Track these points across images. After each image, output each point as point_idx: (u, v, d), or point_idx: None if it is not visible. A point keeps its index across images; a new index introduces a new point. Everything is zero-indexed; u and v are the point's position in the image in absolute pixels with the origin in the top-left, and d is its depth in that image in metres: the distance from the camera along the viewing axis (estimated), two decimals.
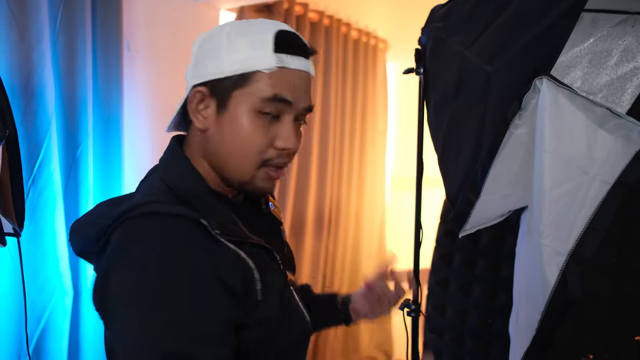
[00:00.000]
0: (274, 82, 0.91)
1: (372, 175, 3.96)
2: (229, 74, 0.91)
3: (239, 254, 0.88)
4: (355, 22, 3.67)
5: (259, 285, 0.89)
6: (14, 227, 1.33)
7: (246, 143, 0.92)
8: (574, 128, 1.05)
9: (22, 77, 1.88)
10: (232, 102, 0.92)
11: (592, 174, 1.04)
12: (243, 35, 0.92)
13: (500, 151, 1.13)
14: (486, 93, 1.20)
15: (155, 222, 0.85)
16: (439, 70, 1.43)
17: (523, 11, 1.16)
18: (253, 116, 0.91)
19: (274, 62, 0.91)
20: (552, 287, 1.06)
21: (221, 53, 0.92)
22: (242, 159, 0.93)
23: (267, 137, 0.92)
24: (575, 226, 1.05)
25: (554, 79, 1.07)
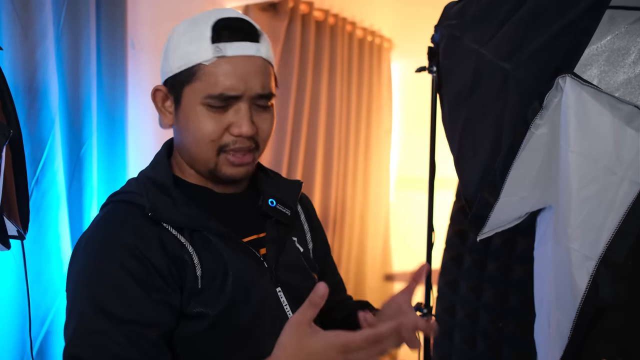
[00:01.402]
0: (216, 76, 0.93)
1: (377, 174, 3.93)
2: (176, 70, 0.97)
3: (178, 239, 0.93)
4: (360, 21, 3.64)
5: (198, 271, 0.93)
6: (18, 230, 1.30)
7: (199, 133, 0.96)
8: (600, 127, 1.02)
9: (25, 76, 1.84)
10: (184, 98, 0.97)
11: (620, 174, 1.00)
12: (187, 32, 0.97)
13: (520, 152, 1.09)
14: (504, 91, 1.17)
15: (108, 208, 0.99)
16: (453, 69, 1.40)
17: (544, 6, 1.12)
18: (202, 109, 0.95)
19: (211, 52, 0.93)
20: (582, 293, 1.02)
21: (170, 52, 0.99)
22: (199, 148, 0.98)
23: (220, 125, 0.96)
24: (605, 229, 1.01)
25: (578, 77, 1.04)
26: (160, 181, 0.99)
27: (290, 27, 3.07)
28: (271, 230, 1.06)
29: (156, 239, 0.91)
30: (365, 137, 3.76)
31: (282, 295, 1.01)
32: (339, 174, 3.51)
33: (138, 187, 0.99)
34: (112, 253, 0.89)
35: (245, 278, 0.96)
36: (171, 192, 0.97)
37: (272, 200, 1.07)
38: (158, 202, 0.95)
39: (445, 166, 1.72)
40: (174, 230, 0.94)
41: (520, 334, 1.92)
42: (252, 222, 1.05)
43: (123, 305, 0.86)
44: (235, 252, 0.97)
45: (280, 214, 1.07)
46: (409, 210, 4.24)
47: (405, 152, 4.37)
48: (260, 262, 1.01)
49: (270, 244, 1.04)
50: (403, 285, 1.02)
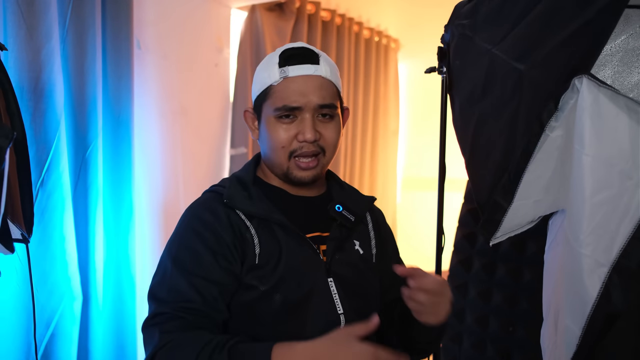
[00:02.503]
0: (281, 93, 1.14)
1: (384, 175, 3.91)
2: (257, 93, 1.19)
3: (245, 222, 1.13)
4: (367, 21, 3.62)
5: (257, 249, 1.11)
6: (22, 233, 1.28)
7: (272, 141, 1.15)
8: (617, 130, 0.99)
9: (31, 77, 1.83)
10: (262, 114, 1.18)
11: (636, 179, 0.97)
12: (264, 63, 1.19)
13: (534, 155, 1.06)
14: (518, 92, 1.14)
15: (202, 196, 1.21)
16: (464, 69, 1.37)
17: (560, 5, 1.09)
18: (274, 121, 1.15)
19: (278, 75, 1.14)
20: (594, 300, 0.99)
21: (254, 81, 1.21)
22: (274, 154, 1.16)
23: (289, 134, 1.14)
24: (618, 235, 0.98)
25: (595, 78, 1.01)
26: (243, 179, 1.20)
27: (297, 27, 3.05)
28: (335, 231, 1.20)
29: (228, 220, 1.12)
30: (372, 138, 3.74)
31: (332, 285, 1.14)
32: (346, 174, 3.49)
33: (226, 182, 1.20)
34: (194, 226, 1.12)
35: (298, 264, 1.12)
36: (249, 187, 1.17)
37: (339, 206, 1.21)
38: (234, 193, 1.15)
39: (453, 167, 1.69)
40: (244, 216, 1.13)
41: (531, 339, 1.88)
42: (318, 221, 1.21)
43: (196, 264, 1.08)
44: (294, 242, 1.14)
45: (345, 219, 1.20)
46: (416, 211, 4.22)
47: (412, 153, 4.34)
48: (317, 254, 1.16)
49: (331, 241, 1.19)
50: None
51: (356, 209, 1.24)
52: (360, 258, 1.24)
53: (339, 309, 1.14)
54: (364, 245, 1.26)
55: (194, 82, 2.71)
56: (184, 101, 2.48)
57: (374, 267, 1.27)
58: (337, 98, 1.21)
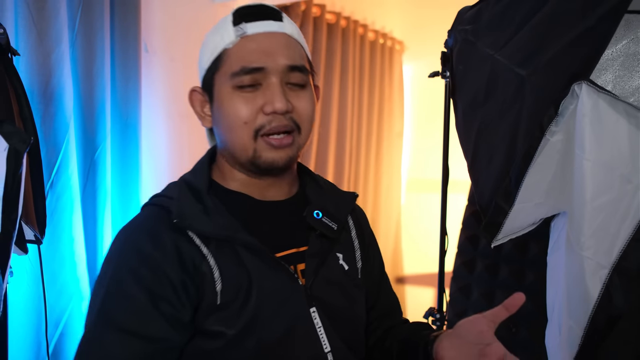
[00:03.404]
0: (238, 54, 0.91)
1: (388, 176, 3.93)
2: (207, 65, 0.95)
3: (200, 250, 0.88)
4: (372, 24, 3.64)
5: (218, 285, 0.87)
6: (35, 235, 1.31)
7: (231, 118, 0.92)
8: (617, 135, 1.01)
9: (40, 80, 1.86)
10: (215, 89, 0.94)
11: (635, 182, 1.00)
12: (213, 28, 0.97)
13: (535, 159, 1.09)
14: (519, 97, 1.16)
15: (142, 210, 0.96)
16: (467, 74, 1.39)
17: (560, 12, 1.12)
18: (232, 93, 0.91)
19: (233, 34, 0.91)
20: (595, 301, 1.02)
21: (201, 52, 0.98)
22: (235, 135, 0.92)
23: (252, 106, 0.91)
24: (619, 238, 1.00)
25: (594, 84, 1.03)
26: (196, 186, 0.95)
27: (302, 30, 3.07)
28: (314, 243, 0.98)
29: (175, 249, 0.87)
30: (376, 140, 3.76)
31: (316, 316, 0.94)
32: (350, 176, 3.51)
33: (173, 191, 0.95)
34: (128, 262, 0.87)
35: (273, 296, 0.90)
36: (204, 198, 0.93)
37: (318, 212, 0.99)
38: (186, 208, 0.90)
39: (457, 169, 1.71)
40: (199, 239, 0.89)
41: (534, 340, 1.90)
42: (294, 233, 0.99)
43: (129, 314, 0.84)
44: (265, 266, 0.91)
45: (326, 228, 0.98)
46: (420, 212, 4.23)
47: (416, 154, 4.36)
48: (294, 279, 0.94)
49: (311, 258, 0.97)
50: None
51: (338, 213, 1.02)
52: (345, 275, 1.02)
53: (326, 347, 0.93)
54: (348, 258, 1.04)
55: None
56: None
57: (360, 284, 1.05)
58: (308, 63, 0.98)
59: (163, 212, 0.91)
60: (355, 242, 1.07)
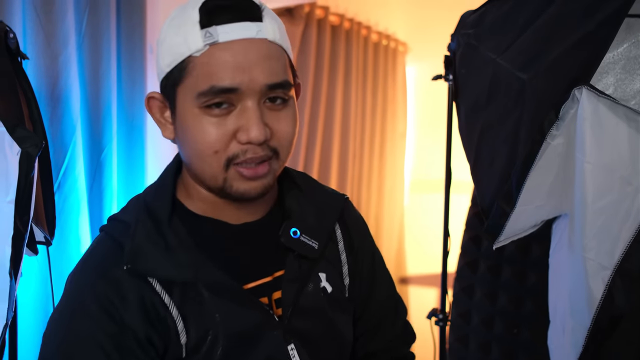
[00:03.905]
0: (207, 68, 0.75)
1: (392, 177, 3.95)
2: (167, 69, 0.79)
3: (161, 298, 0.78)
4: (375, 25, 3.66)
5: (182, 338, 0.77)
6: (45, 236, 1.33)
7: (199, 144, 0.78)
8: (617, 138, 1.03)
9: (48, 83, 1.88)
10: (178, 102, 0.79)
11: (636, 184, 1.02)
12: (173, 20, 0.79)
13: (536, 162, 1.10)
14: (521, 101, 1.18)
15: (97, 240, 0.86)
16: (469, 78, 1.41)
17: (561, 17, 1.13)
18: (198, 113, 0.77)
19: (201, 40, 0.74)
20: (598, 302, 1.03)
21: (158, 49, 0.81)
22: (202, 163, 0.79)
23: (223, 132, 0.77)
24: (620, 239, 1.02)
25: (594, 89, 1.05)
26: (157, 212, 0.82)
27: (306, 32, 3.10)
28: (292, 266, 0.86)
29: (136, 296, 0.77)
30: (380, 141, 3.78)
31: (294, 354, 0.84)
32: (354, 177, 3.53)
33: (132, 216, 0.83)
34: (87, 308, 0.76)
35: (244, 340, 0.80)
36: (164, 228, 0.81)
37: (295, 229, 0.87)
38: (145, 245, 0.78)
39: (460, 170, 1.73)
40: (159, 285, 0.78)
41: (535, 341, 1.92)
42: (268, 257, 0.87)
43: None
44: (235, 306, 0.81)
45: (305, 248, 0.87)
46: (424, 213, 4.25)
47: (420, 155, 4.38)
48: (269, 315, 0.83)
49: (288, 284, 0.86)
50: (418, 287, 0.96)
51: (321, 226, 0.90)
52: (328, 299, 0.90)
53: None
54: (333, 278, 0.92)
55: None
56: None
57: (347, 303, 0.94)
58: (290, 70, 0.82)
59: (118, 247, 0.80)
60: (343, 256, 0.95)
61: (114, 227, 0.84)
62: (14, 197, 0.98)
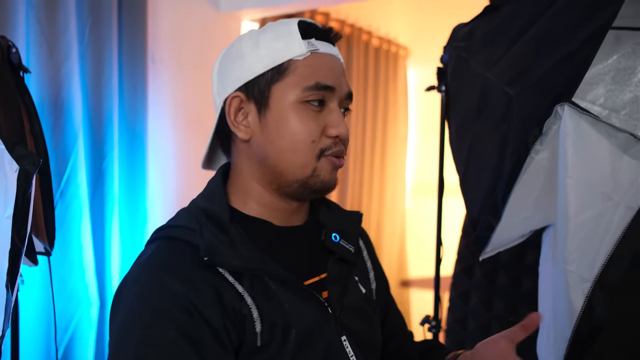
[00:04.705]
0: (311, 69, 0.86)
1: (393, 180, 3.97)
2: (261, 70, 0.87)
3: (236, 288, 0.81)
4: (377, 30, 3.68)
5: (257, 326, 0.81)
6: (45, 247, 1.37)
7: (298, 136, 0.86)
8: (598, 154, 1.05)
9: (51, 93, 1.92)
10: (272, 99, 0.87)
11: (616, 199, 1.04)
12: (265, 32, 0.89)
13: (521, 176, 1.13)
14: (508, 116, 1.20)
15: (155, 246, 0.86)
16: (460, 91, 1.43)
17: (546, 34, 1.16)
18: (299, 107, 0.86)
19: (305, 47, 0.86)
20: (578, 313, 1.06)
21: (245, 54, 0.88)
22: (296, 153, 0.86)
23: (319, 126, 0.87)
24: (600, 252, 1.05)
25: (576, 106, 1.07)
26: (216, 214, 0.87)
27: None
28: (333, 269, 0.94)
29: (211, 288, 0.79)
30: (381, 144, 3.81)
31: (347, 345, 0.89)
32: (355, 181, 3.55)
33: (190, 221, 0.87)
34: (160, 306, 0.77)
35: (309, 330, 0.85)
36: (228, 228, 0.85)
37: (335, 234, 0.96)
38: (214, 241, 0.83)
39: None
40: (231, 276, 0.82)
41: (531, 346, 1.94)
42: (314, 260, 0.94)
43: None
44: (297, 298, 0.86)
45: (344, 251, 0.95)
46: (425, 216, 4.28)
47: (421, 158, 4.40)
48: (325, 307, 0.89)
49: (333, 285, 0.92)
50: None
51: (352, 235, 0.99)
52: (365, 299, 0.99)
53: None
54: (364, 281, 1.01)
55: (207, 92, 2.76)
56: (197, 111, 2.57)
57: (377, 305, 1.03)
58: None
59: (183, 246, 0.83)
60: (368, 263, 1.05)
61: (173, 232, 0.87)
62: (12, 212, 1.01)
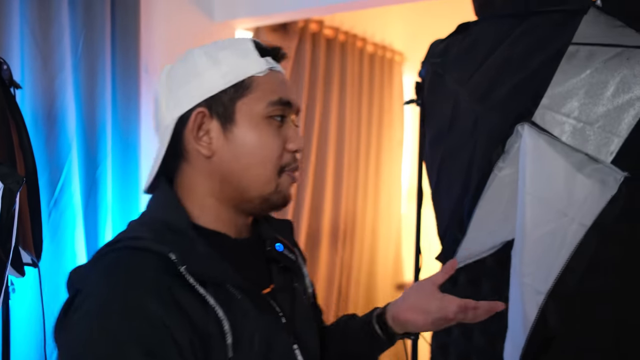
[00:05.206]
0: (271, 85, 0.89)
1: (388, 185, 4.00)
2: (223, 86, 0.87)
3: (207, 301, 0.79)
4: (372, 36, 3.71)
5: (229, 338, 0.80)
6: (32, 259, 1.42)
7: (264, 151, 0.88)
8: (555, 172, 1.10)
9: (45, 105, 1.97)
10: (239, 114, 0.87)
11: (570, 216, 1.08)
12: (222, 49, 0.90)
13: (484, 192, 1.18)
14: (475, 133, 1.25)
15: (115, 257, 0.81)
16: (435, 105, 1.48)
17: (509, 56, 1.21)
18: (265, 122, 0.88)
19: (264, 65, 0.89)
20: (532, 324, 1.10)
21: (204, 71, 0.89)
22: (262, 169, 0.88)
23: (281, 141, 0.89)
24: (555, 266, 1.09)
25: (535, 125, 1.12)
26: (178, 225, 0.85)
27: (300, 46, 3.16)
28: (278, 278, 0.95)
29: (180, 302, 0.77)
30: (376, 150, 3.84)
31: (298, 354, 0.91)
32: (350, 186, 3.58)
33: (151, 232, 0.83)
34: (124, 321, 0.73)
35: (269, 339, 0.86)
36: (192, 239, 0.83)
37: (279, 244, 0.97)
38: (185, 251, 0.80)
39: None
40: (202, 288, 0.80)
41: None
42: (263, 271, 0.95)
43: None
44: (258, 309, 0.85)
45: (288, 260, 0.98)
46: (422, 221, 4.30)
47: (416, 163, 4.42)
48: (279, 317, 0.90)
49: (282, 294, 0.94)
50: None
51: (290, 243, 1.02)
52: (305, 304, 1.01)
53: None
54: (303, 286, 1.03)
55: None
56: None
57: (314, 309, 1.07)
58: None
59: (151, 256, 0.79)
60: (304, 269, 1.07)
61: (135, 242, 0.82)
62: None
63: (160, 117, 0.92)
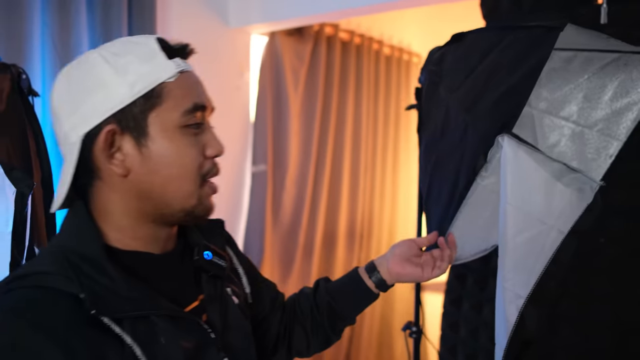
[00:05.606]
0: (183, 90, 0.82)
1: (405, 187, 4.03)
2: (131, 98, 0.80)
3: (122, 339, 0.75)
4: (389, 39, 3.74)
5: None
6: None
7: (183, 163, 0.82)
8: (534, 182, 1.13)
9: None
10: (152, 128, 0.81)
11: (549, 223, 1.12)
12: (125, 55, 0.81)
13: (466, 200, 1.22)
14: (463, 141, 1.29)
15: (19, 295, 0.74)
16: (430, 112, 1.52)
17: (495, 67, 1.24)
18: (180, 133, 0.82)
19: (174, 68, 0.82)
20: (512, 326, 1.15)
21: (109, 82, 0.80)
22: (183, 182, 0.83)
23: (200, 150, 0.84)
24: (534, 272, 1.13)
25: (515, 136, 1.16)
26: (90, 254, 0.78)
27: (316, 50, 3.21)
28: (208, 287, 0.91)
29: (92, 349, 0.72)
30: (393, 151, 3.87)
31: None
32: (366, 187, 3.62)
33: (61, 266, 0.76)
34: None
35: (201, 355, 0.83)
36: (106, 269, 0.77)
37: (208, 252, 0.93)
38: (97, 289, 0.74)
39: None
40: (118, 327, 0.75)
41: None
42: (190, 283, 0.91)
43: None
44: (180, 330, 0.82)
45: (217, 268, 0.93)
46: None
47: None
48: (207, 333, 0.86)
49: (211, 304, 0.90)
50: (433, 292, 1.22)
51: (219, 248, 0.96)
52: (239, 311, 0.97)
53: None
54: (238, 290, 1.00)
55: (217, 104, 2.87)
56: None
57: (249, 310, 1.03)
58: None
59: (59, 296, 0.73)
60: (240, 270, 1.04)
61: (41, 279, 0.75)
62: (11, 229, 1.15)
63: (63, 132, 0.84)
